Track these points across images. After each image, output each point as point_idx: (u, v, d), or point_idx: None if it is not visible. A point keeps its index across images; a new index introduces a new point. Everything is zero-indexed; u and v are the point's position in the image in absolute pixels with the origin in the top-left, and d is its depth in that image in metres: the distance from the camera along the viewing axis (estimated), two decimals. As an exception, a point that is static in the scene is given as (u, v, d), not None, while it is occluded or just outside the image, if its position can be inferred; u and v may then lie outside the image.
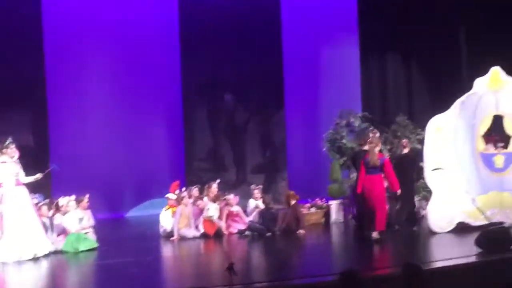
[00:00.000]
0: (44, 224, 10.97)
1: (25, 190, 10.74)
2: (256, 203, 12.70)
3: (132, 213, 15.82)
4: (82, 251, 10.91)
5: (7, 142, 10.74)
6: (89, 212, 11.64)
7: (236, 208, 12.52)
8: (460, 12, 16.29)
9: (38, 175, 10.97)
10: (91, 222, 11.62)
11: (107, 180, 15.38)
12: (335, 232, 12.88)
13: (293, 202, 12.47)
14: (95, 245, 11.19)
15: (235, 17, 16.54)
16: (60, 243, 11.02)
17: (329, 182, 14.22)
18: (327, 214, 13.55)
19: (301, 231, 12.20)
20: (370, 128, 13.05)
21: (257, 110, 17.01)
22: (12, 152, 10.74)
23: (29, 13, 15.06)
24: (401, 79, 17.54)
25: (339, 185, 14.03)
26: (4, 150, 10.70)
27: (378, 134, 12.44)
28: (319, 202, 13.87)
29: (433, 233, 11.25)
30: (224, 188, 13.59)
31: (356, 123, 14.35)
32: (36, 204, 11.18)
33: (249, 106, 16.93)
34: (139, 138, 15.88)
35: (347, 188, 13.80)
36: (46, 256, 10.60)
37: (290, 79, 17.21)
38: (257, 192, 12.82)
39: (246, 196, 13.19)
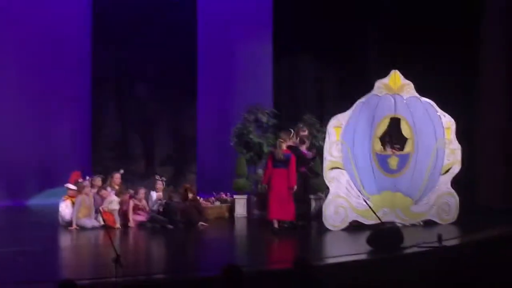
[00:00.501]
0: None
1: None
2: (158, 194, 12.62)
3: (33, 201, 15.47)
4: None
5: None
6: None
7: (143, 202, 12.42)
8: (372, 12, 16.46)
9: None
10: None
11: (8, 166, 15.00)
12: (237, 227, 12.96)
13: (190, 195, 12.46)
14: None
15: (150, 8, 16.39)
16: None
17: (236, 176, 14.28)
18: (231, 208, 13.63)
19: (203, 224, 12.23)
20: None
21: (168, 103, 16.84)
22: None
23: None
24: (312, 77, 17.64)
25: (244, 180, 14.09)
26: None
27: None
28: (223, 196, 13.92)
29: (328, 230, 11.43)
30: (132, 179, 13.47)
31: (264, 119, 14.46)
32: None
33: (161, 98, 16.73)
34: (43, 125, 15.51)
35: (253, 183, 13.91)
36: None
37: (203, 72, 17.12)
38: (160, 184, 12.73)
39: (153, 188, 13.07)
